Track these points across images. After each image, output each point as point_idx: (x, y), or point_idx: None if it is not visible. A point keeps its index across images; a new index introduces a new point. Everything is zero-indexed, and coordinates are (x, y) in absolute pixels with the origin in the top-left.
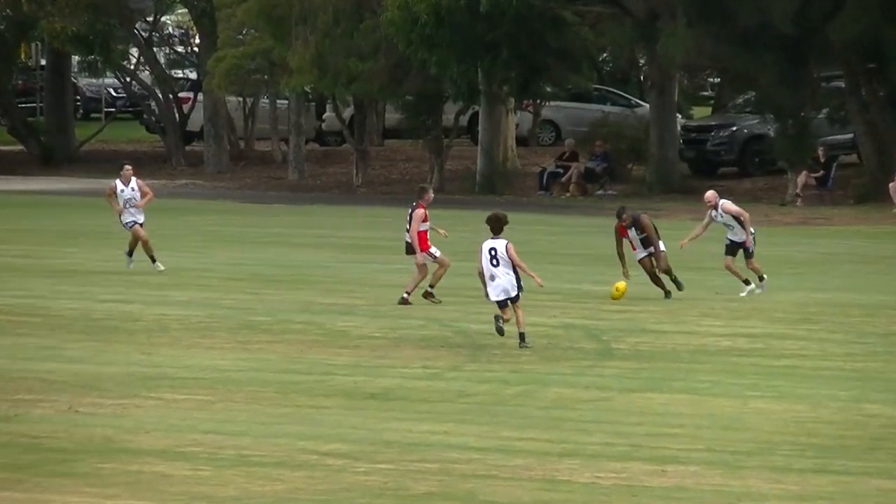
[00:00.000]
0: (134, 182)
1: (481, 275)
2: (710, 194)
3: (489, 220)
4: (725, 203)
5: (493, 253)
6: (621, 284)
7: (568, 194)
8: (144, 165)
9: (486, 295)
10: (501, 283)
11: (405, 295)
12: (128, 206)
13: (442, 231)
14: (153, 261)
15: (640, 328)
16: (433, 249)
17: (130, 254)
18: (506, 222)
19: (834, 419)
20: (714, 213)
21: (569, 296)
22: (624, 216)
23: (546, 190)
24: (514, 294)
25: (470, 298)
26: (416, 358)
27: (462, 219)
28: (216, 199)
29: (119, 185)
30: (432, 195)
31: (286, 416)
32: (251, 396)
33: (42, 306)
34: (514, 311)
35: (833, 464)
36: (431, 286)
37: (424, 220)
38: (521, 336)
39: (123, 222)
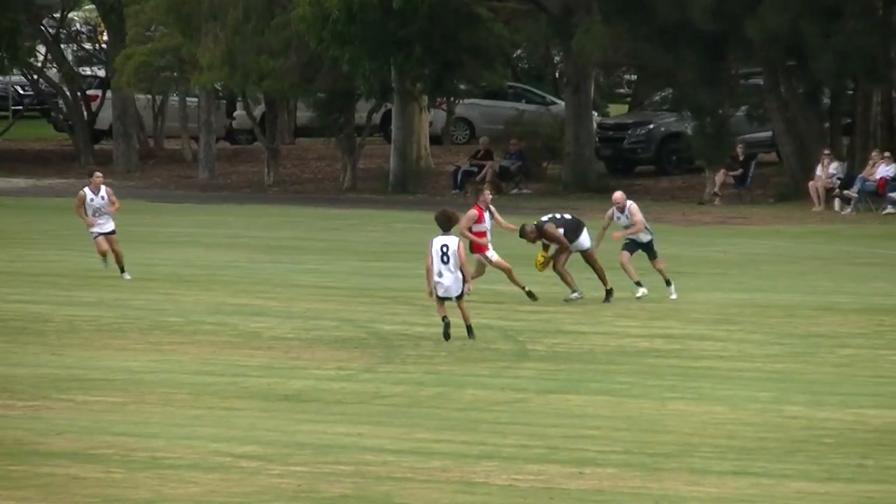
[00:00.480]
0: (104, 190)
1: (429, 270)
2: (618, 195)
3: (440, 217)
4: (633, 206)
5: (444, 250)
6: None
7: None
8: (52, 164)
9: (430, 292)
10: (448, 281)
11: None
12: (96, 215)
13: (511, 226)
14: (121, 270)
15: (557, 329)
16: (489, 253)
17: (122, 269)
18: (456, 221)
19: (754, 421)
20: (618, 214)
21: (484, 296)
22: (528, 233)
23: (460, 189)
24: (457, 294)
25: (383, 299)
26: (329, 359)
27: (375, 218)
28: (125, 199)
29: (88, 193)
30: (489, 196)
31: (199, 418)
32: (164, 398)
33: None
34: (459, 307)
35: (753, 466)
36: (524, 288)
37: (479, 221)
38: (469, 329)
39: (92, 232)
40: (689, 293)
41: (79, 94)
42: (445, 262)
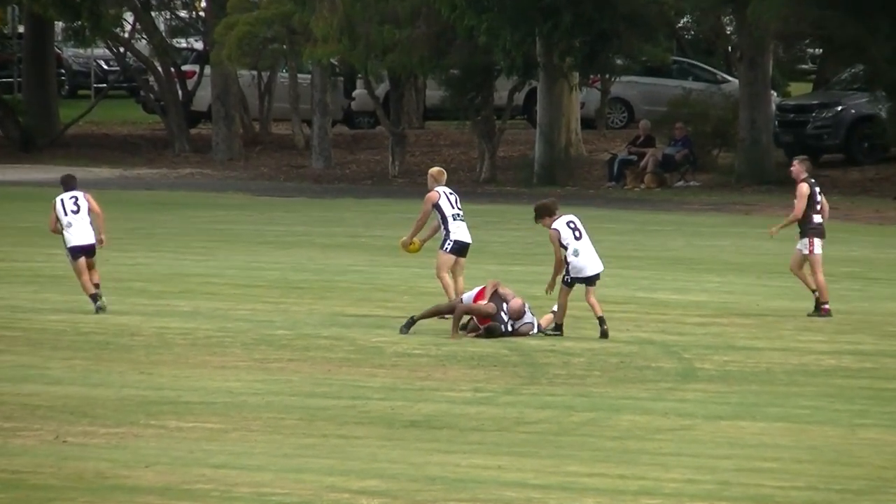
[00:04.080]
0: None
1: (562, 262)
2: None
3: (550, 206)
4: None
5: (572, 226)
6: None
7: (643, 186)
8: (142, 152)
9: (569, 280)
10: (592, 255)
11: None
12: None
13: None
14: None
15: (729, 345)
16: None
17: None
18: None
19: None
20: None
21: (643, 306)
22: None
23: (617, 181)
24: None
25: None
26: (464, 379)
27: (517, 215)
28: (226, 192)
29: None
30: None
31: (312, 448)
32: (270, 424)
33: (22, 318)
34: (588, 297)
35: None
36: None
37: None
38: (602, 320)
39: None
40: (883, 303)
41: (172, 69)
42: (579, 238)
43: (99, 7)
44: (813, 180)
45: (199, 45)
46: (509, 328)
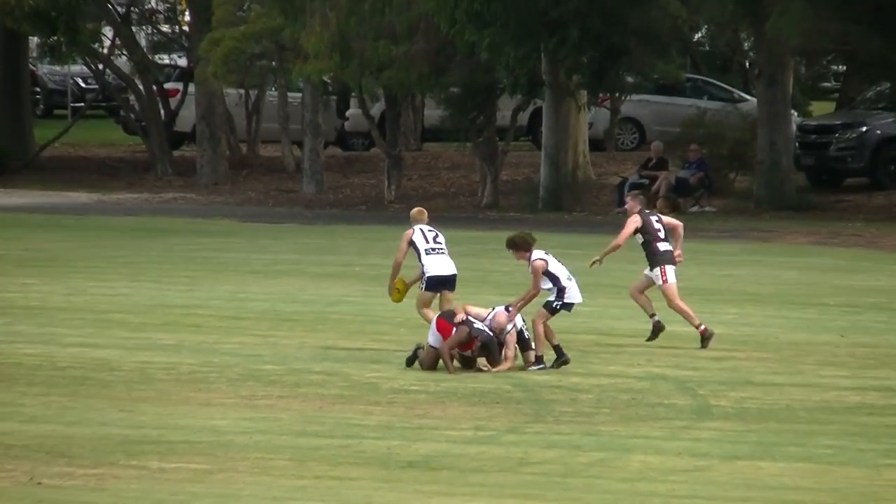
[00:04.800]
0: None
1: (535, 295)
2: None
3: (520, 241)
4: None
5: (551, 254)
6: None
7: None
8: (122, 175)
9: (559, 306)
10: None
11: None
12: None
13: None
14: None
15: (746, 380)
16: None
17: None
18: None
19: None
20: None
21: (656, 340)
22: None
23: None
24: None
25: None
26: (465, 417)
27: None
28: (212, 218)
29: None
30: None
31: (303, 490)
32: (259, 465)
33: None
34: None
35: None
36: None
37: None
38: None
39: None
40: None
41: (154, 88)
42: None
43: (76, 21)
44: (647, 211)
45: (182, 62)
46: (491, 332)
